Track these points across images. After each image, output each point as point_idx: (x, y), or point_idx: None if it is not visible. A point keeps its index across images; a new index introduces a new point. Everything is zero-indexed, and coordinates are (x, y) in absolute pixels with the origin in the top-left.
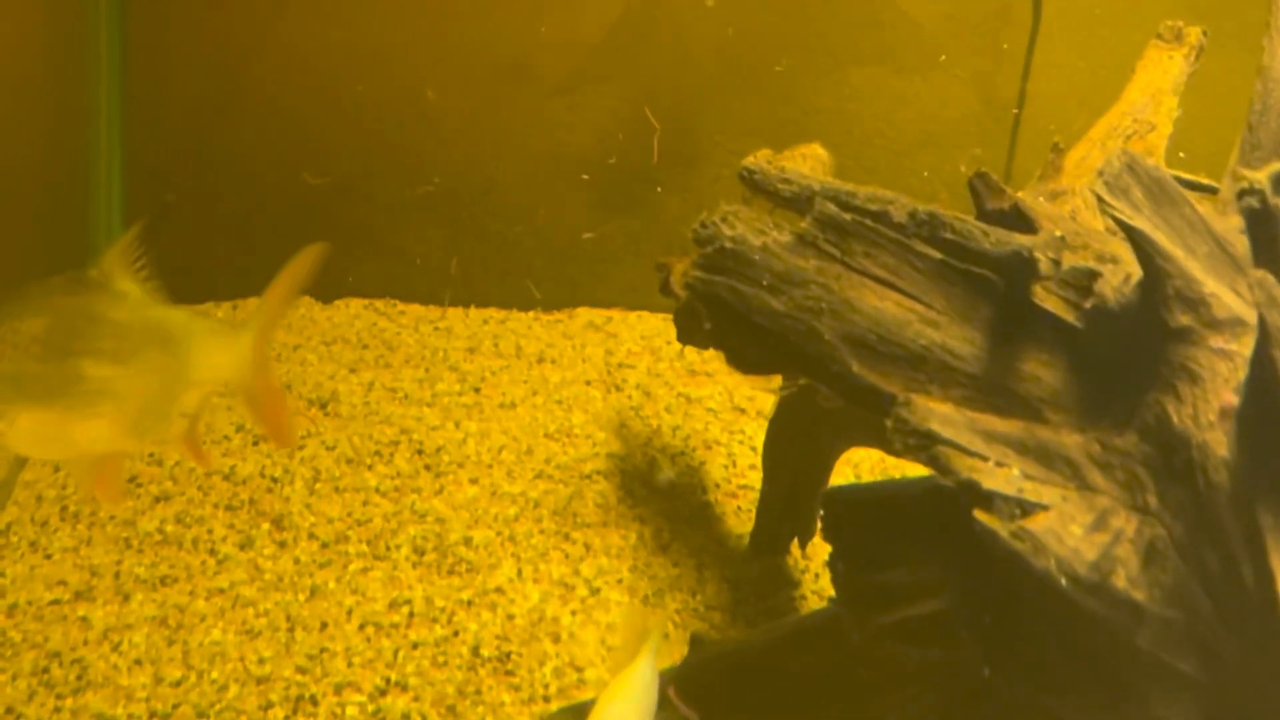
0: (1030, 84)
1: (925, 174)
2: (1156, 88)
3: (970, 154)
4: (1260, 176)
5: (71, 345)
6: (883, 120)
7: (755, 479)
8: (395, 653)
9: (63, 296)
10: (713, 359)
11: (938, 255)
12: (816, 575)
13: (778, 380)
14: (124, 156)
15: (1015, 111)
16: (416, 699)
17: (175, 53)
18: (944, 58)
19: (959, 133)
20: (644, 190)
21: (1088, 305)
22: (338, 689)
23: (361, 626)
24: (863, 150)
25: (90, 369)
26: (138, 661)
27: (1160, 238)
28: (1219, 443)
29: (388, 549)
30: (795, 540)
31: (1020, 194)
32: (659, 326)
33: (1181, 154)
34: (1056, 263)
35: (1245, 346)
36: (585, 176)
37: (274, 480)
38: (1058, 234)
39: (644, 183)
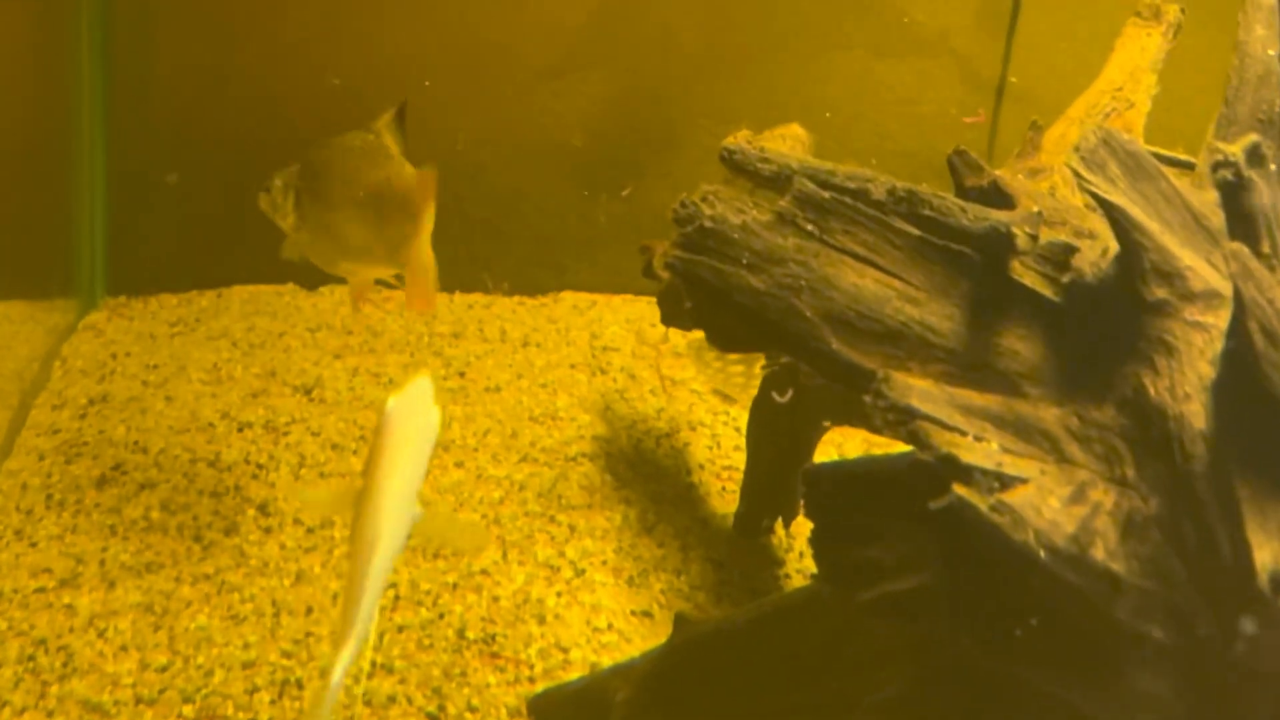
0: (1011, 64)
1: (907, 156)
2: (1135, 65)
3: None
4: (1234, 149)
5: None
6: (865, 103)
7: (740, 460)
8: (381, 636)
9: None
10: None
11: (916, 232)
12: (801, 554)
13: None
14: (107, 140)
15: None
16: (402, 681)
17: (161, 36)
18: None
19: (941, 114)
20: (628, 175)
21: (1065, 280)
22: (323, 673)
23: None
24: (845, 133)
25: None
26: (124, 648)
27: (1136, 211)
28: (1196, 415)
29: None
30: (780, 520)
31: (999, 172)
32: (644, 310)
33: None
34: (1034, 238)
35: (1221, 319)
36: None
37: (259, 466)
38: (1035, 210)
39: (628, 167)
